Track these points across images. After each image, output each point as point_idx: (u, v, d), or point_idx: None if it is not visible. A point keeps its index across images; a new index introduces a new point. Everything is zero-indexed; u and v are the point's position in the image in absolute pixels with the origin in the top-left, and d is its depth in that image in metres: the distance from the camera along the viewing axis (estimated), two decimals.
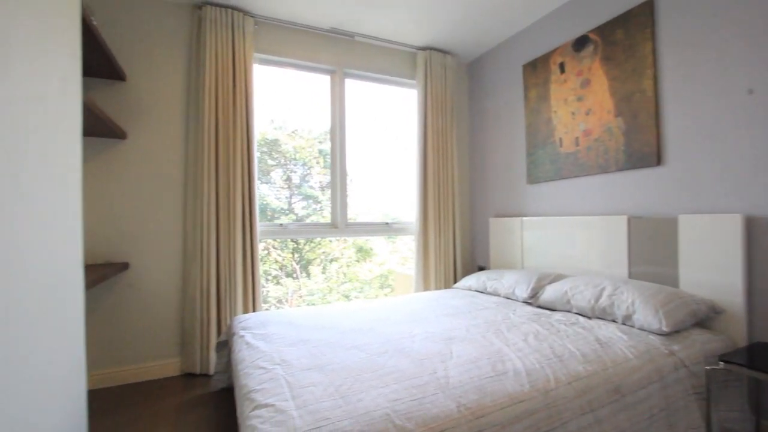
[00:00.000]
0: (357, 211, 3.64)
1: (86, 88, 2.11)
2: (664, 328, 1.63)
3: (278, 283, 4.49)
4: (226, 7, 2.52)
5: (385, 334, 1.73)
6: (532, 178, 2.83)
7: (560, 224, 2.55)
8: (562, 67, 2.58)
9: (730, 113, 1.77)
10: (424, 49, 3.19)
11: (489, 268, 3.22)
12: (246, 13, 2.58)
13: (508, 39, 3.08)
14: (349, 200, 3.10)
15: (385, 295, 4.75)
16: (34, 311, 0.93)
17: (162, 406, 2.05)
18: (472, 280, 2.79)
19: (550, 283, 2.33)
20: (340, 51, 2.99)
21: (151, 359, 2.43)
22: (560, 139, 2.60)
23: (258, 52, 2.70)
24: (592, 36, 2.37)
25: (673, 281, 1.93)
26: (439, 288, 3.15)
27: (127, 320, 2.37)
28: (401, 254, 5.05)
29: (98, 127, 2.04)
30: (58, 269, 1.06)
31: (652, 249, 2.03)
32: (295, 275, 4.60)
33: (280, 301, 4.48)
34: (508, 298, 2.45)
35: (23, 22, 0.89)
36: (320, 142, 3.94)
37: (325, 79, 3.04)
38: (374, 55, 3.12)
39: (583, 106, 2.44)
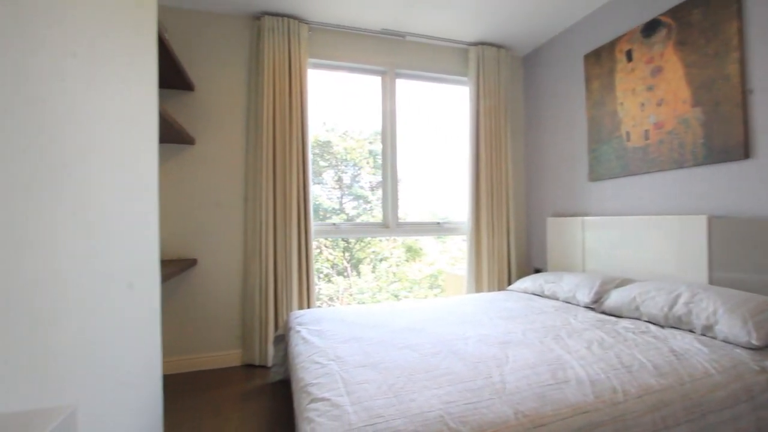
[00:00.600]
0: (406, 210, 3.64)
1: (160, 99, 2.31)
2: (754, 342, 1.45)
3: (330, 281, 4.61)
4: (283, 15, 2.63)
5: (438, 335, 1.71)
6: (595, 175, 2.66)
7: (627, 224, 2.37)
8: (629, 55, 2.40)
9: None
10: (476, 44, 3.11)
11: (546, 271, 3.07)
12: (301, 20, 2.68)
13: (568, 29, 2.92)
14: (399, 200, 3.11)
15: (435, 295, 4.70)
16: (122, 300, 1.03)
17: (226, 394, 2.19)
18: (527, 283, 2.67)
19: (616, 287, 2.17)
20: (391, 51, 3.01)
21: (216, 349, 2.60)
22: (627, 133, 2.41)
23: (312, 57, 2.79)
24: (664, 19, 2.17)
25: (765, 289, 1.72)
26: (492, 290, 3.06)
27: (195, 312, 2.57)
28: (451, 254, 4.98)
29: (170, 134, 2.23)
30: (140, 263, 1.17)
31: (738, 252, 1.82)
32: (345, 274, 4.70)
33: (331, 299, 4.60)
34: (567, 302, 2.32)
35: (111, 41, 0.99)
36: (370, 143, 3.99)
37: (376, 80, 3.08)
38: (425, 54, 3.11)
39: (653, 97, 2.25)
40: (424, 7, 2.61)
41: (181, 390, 2.23)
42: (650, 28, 2.25)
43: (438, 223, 3.21)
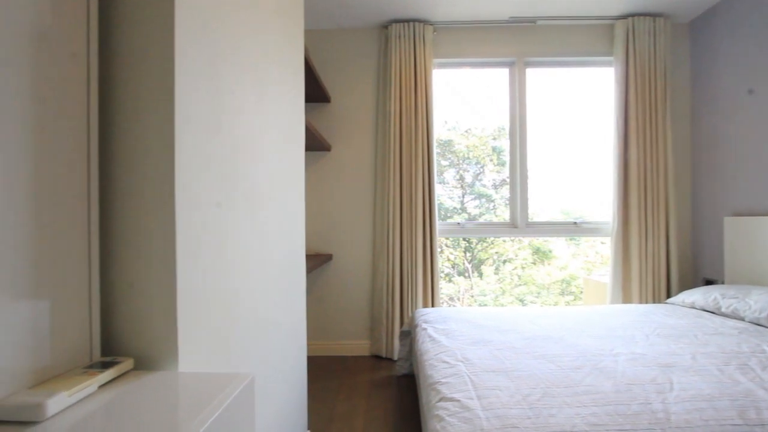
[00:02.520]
0: (534, 209, 3.39)
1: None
2: None
3: (450, 280, 4.58)
4: (409, 20, 2.71)
5: (579, 348, 1.54)
6: None
7: None
8: None
9: None
10: (624, 17, 2.70)
11: (722, 282, 2.48)
12: (426, 22, 2.73)
13: None
14: (528, 198, 2.90)
15: (567, 303, 4.27)
16: (282, 287, 1.20)
17: (357, 381, 2.36)
18: (696, 296, 2.20)
19: None
20: (519, 40, 2.83)
21: (348, 338, 2.83)
22: None
23: (436, 57, 2.81)
24: None
25: None
26: (645, 302, 2.62)
27: (330, 303, 2.84)
28: (586, 258, 4.45)
29: (312, 142, 2.51)
30: (292, 256, 1.35)
31: None
32: (467, 274, 4.61)
33: (451, 299, 4.56)
34: (757, 324, 1.83)
35: (275, 69, 1.16)
36: (494, 139, 3.83)
37: (502, 73, 2.93)
38: (559, 37, 2.83)
39: None
40: None
41: (318, 372, 2.49)
42: None
43: (574, 223, 2.89)
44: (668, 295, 2.65)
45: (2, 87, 0.49)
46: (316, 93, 2.60)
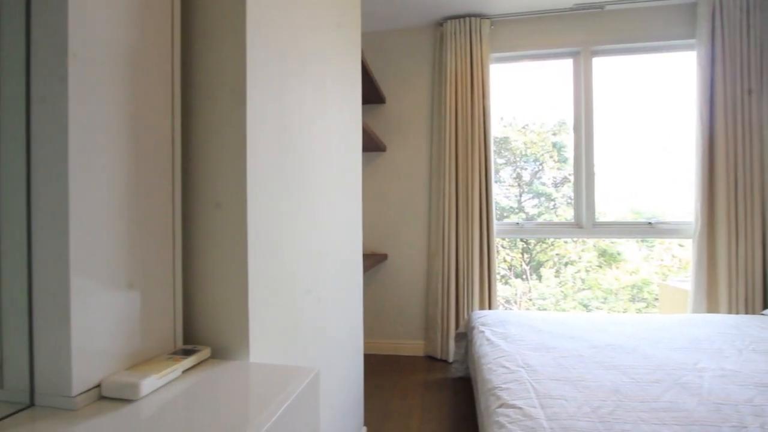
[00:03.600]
0: (600, 208, 3.16)
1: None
2: None
3: (506, 283, 4.41)
4: (465, 16, 2.65)
5: (656, 360, 1.41)
6: None
7: None
8: None
9: None
10: None
11: None
12: (482, 16, 2.65)
13: None
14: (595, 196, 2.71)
15: (638, 310, 3.93)
16: (341, 285, 1.23)
17: (411, 381, 2.36)
18: None
19: None
20: (585, 28, 2.65)
21: (402, 338, 2.84)
22: None
23: (493, 51, 2.72)
24: None
25: None
26: (735, 312, 2.33)
27: (384, 302, 2.86)
28: (661, 261, 4.07)
29: (368, 143, 2.54)
30: (350, 255, 1.38)
31: None
32: (524, 276, 4.41)
33: (508, 302, 4.39)
34: None
35: (336, 78, 1.20)
36: (554, 134, 3.62)
37: (566, 64, 2.77)
38: (631, 22, 2.61)
39: None
40: None
41: (372, 370, 2.52)
42: None
43: (649, 223, 2.65)
44: (765, 306, 2.33)
45: (104, 104, 0.55)
46: (371, 94, 2.64)
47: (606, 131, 2.82)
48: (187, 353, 0.64)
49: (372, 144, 2.59)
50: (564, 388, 1.21)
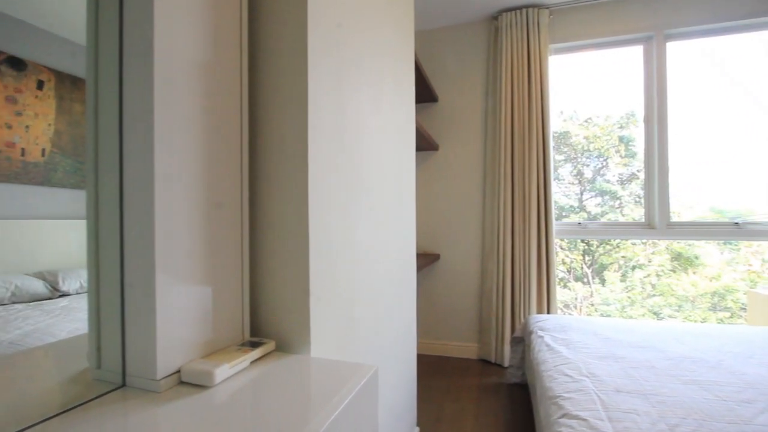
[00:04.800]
0: (673, 207, 2.88)
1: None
2: None
3: (566, 286, 4.17)
4: (521, 7, 2.55)
5: (747, 377, 1.25)
6: None
7: None
8: None
9: None
10: None
11: None
12: (540, 6, 2.53)
13: None
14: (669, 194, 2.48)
15: (720, 320, 3.54)
16: (395, 284, 1.24)
17: (465, 384, 2.31)
18: None
19: None
20: (657, 11, 2.43)
21: (455, 339, 2.79)
22: None
23: (552, 42, 2.59)
24: None
25: None
26: None
27: (438, 303, 2.83)
28: (749, 266, 3.62)
29: (420, 142, 2.53)
30: (403, 255, 1.38)
31: None
32: (585, 280, 4.14)
33: (567, 306, 4.15)
34: None
35: (390, 78, 1.20)
36: (620, 128, 3.35)
37: (635, 51, 2.55)
38: (710, 1, 2.35)
39: None
40: None
41: (425, 371, 2.50)
42: None
43: (735, 224, 2.37)
44: None
45: (183, 118, 0.60)
46: (424, 93, 2.62)
47: (682, 122, 2.57)
48: (254, 345, 0.67)
49: (424, 143, 2.57)
50: (635, 402, 1.12)
